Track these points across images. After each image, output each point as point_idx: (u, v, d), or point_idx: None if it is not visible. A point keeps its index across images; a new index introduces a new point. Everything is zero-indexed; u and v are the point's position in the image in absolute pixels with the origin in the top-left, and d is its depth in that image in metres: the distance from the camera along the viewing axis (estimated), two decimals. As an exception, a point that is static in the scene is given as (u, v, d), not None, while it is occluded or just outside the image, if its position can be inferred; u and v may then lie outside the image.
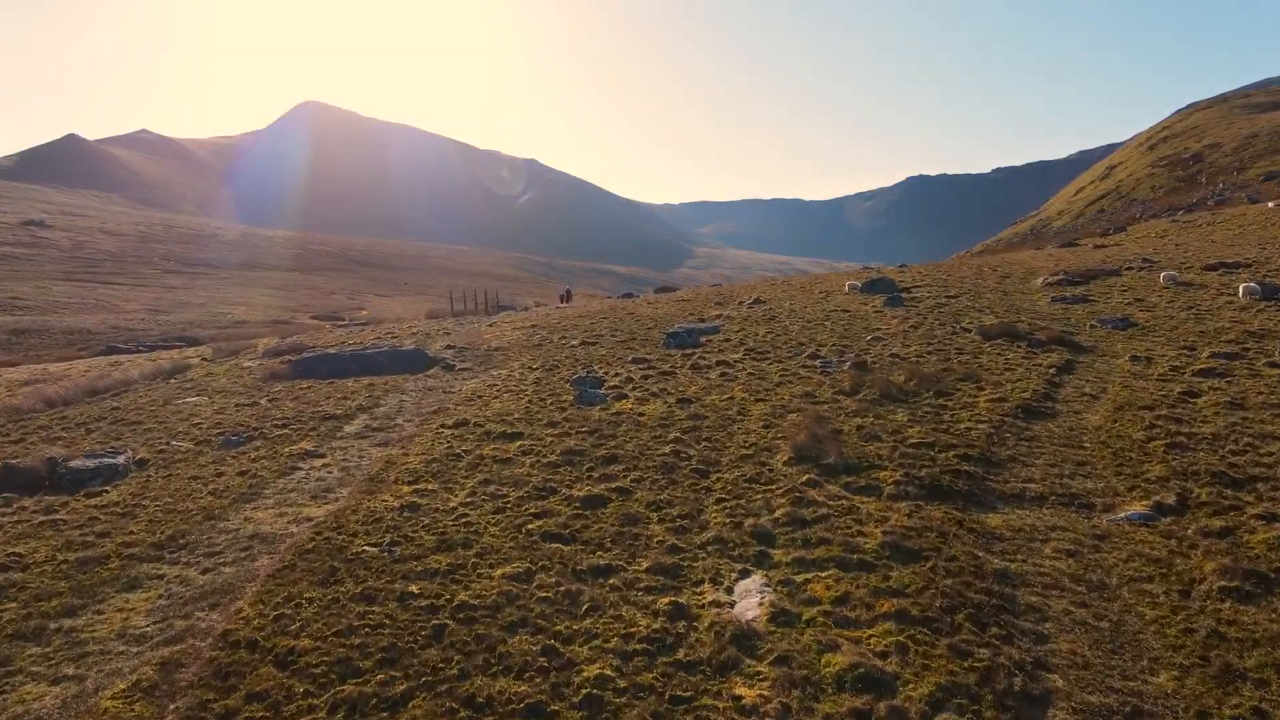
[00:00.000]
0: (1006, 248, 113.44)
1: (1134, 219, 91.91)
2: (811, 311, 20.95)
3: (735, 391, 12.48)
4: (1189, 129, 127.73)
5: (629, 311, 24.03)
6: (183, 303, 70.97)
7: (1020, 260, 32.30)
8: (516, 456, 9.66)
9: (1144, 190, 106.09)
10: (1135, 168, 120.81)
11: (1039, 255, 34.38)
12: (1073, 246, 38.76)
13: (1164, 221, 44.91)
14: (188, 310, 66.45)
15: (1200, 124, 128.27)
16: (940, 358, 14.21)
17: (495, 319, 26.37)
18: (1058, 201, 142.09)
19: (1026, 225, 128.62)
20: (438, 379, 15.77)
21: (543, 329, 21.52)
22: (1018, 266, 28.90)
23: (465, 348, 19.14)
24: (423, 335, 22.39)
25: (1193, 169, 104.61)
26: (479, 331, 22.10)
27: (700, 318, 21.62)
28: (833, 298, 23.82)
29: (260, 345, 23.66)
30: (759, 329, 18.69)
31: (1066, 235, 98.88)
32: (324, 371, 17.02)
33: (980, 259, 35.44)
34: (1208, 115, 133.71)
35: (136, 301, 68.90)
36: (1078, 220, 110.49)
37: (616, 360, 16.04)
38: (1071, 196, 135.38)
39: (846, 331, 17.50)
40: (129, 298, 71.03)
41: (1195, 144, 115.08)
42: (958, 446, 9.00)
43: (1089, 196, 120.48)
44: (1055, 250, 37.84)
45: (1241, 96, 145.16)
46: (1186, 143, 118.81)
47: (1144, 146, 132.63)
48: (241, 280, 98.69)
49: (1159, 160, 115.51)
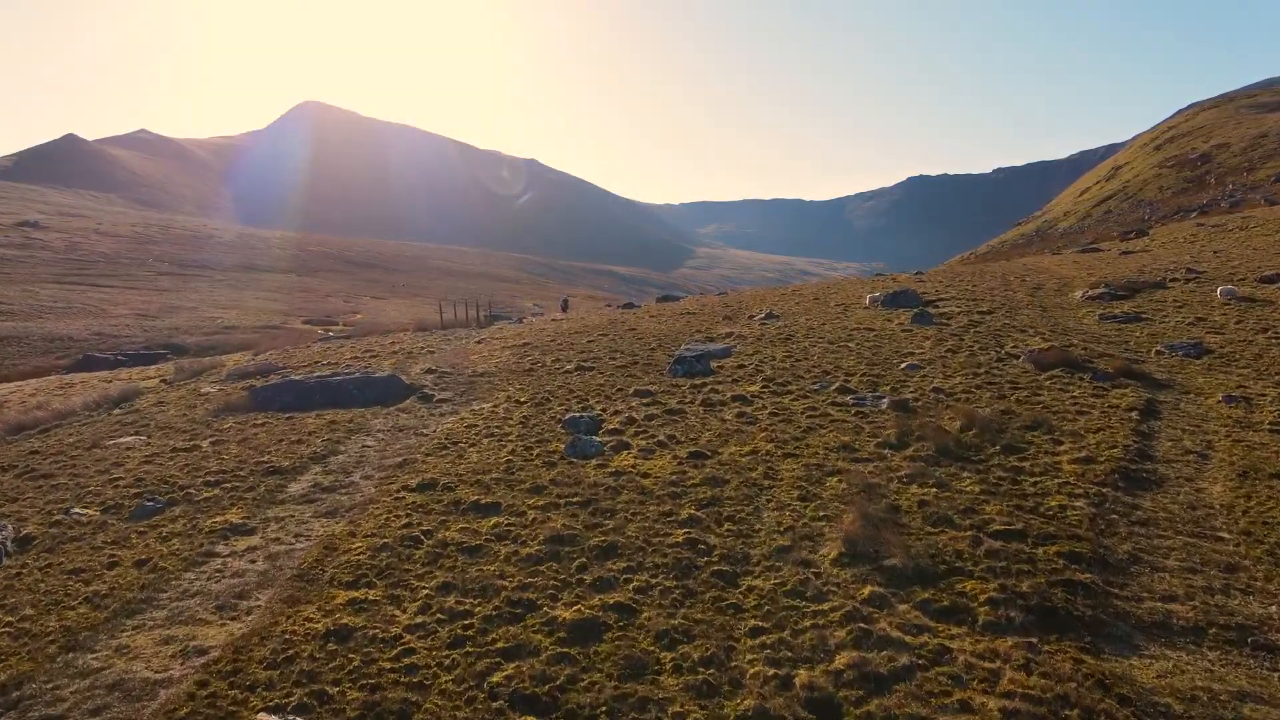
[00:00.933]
0: (1013, 249, 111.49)
1: (1143, 220, 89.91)
2: (831, 329, 18.84)
3: (758, 440, 10.37)
4: (1195, 129, 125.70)
5: (630, 327, 21.92)
6: (173, 306, 68.88)
7: (1045, 268, 30.19)
8: (489, 543, 7.54)
9: (1151, 191, 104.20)
10: (1141, 168, 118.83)
11: (1063, 262, 32.26)
12: (1095, 251, 36.62)
13: (1188, 225, 42.77)
14: (177, 314, 64.37)
15: (1207, 124, 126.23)
16: (994, 393, 12.08)
17: (486, 333, 24.27)
18: (1062, 202, 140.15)
19: (1031, 226, 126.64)
20: (412, 414, 13.67)
21: (535, 348, 19.41)
22: (1046, 276, 26.78)
23: (448, 372, 17.03)
24: (404, 355, 20.28)
25: (1201, 169, 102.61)
26: (466, 350, 19.99)
27: (709, 336, 19.51)
28: (852, 312, 21.71)
29: (229, 363, 21.57)
30: (776, 351, 16.59)
31: (1074, 237, 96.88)
32: (285, 403, 14.92)
33: (1001, 265, 33.33)
34: (1214, 115, 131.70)
35: (125, 305, 66.80)
36: (1084, 221, 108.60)
37: (616, 392, 13.93)
38: (1076, 197, 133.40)
39: (875, 356, 15.39)
40: (118, 301, 68.94)
41: (1202, 144, 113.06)
42: (1058, 538, 6.89)
43: (1094, 197, 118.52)
44: (1077, 255, 35.72)
45: (1247, 96, 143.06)
46: (1193, 143, 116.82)
47: (1149, 147, 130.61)
48: (237, 282, 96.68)
49: (1166, 161, 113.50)
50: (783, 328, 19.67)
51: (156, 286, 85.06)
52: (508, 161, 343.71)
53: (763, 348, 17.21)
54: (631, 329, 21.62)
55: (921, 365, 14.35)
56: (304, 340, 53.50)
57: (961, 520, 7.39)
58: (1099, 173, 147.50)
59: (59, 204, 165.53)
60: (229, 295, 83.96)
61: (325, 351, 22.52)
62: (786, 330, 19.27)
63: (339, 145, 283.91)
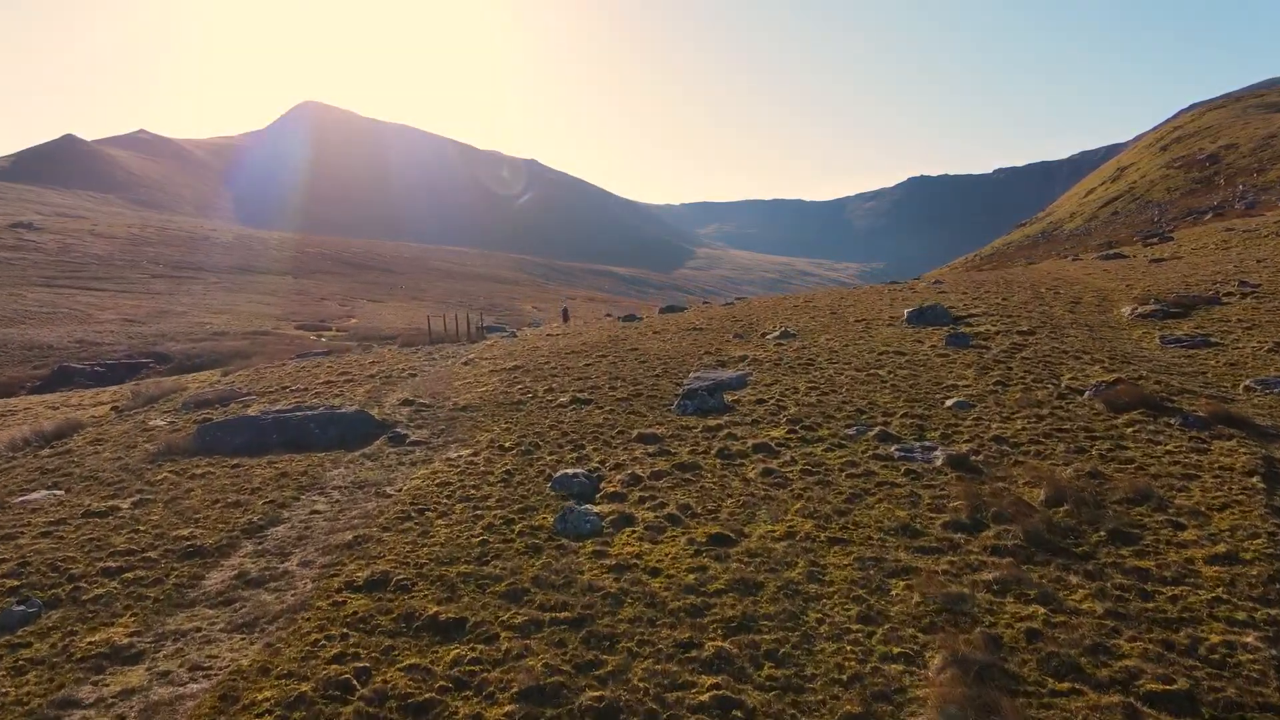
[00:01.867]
0: (1019, 251, 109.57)
1: (1153, 222, 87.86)
2: (856, 353, 16.77)
3: (792, 513, 8.31)
4: (1202, 129, 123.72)
5: (632, 347, 19.84)
6: (162, 311, 66.81)
7: (1074, 277, 28.12)
8: (444, 697, 5.49)
9: (1159, 192, 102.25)
10: (1148, 169, 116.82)
11: (1090, 270, 30.17)
12: (1120, 258, 34.55)
13: (1213, 229, 40.65)
14: (165, 320, 62.31)
15: (1214, 124, 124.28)
16: (1069, 445, 10.01)
17: (476, 350, 22.20)
18: (1067, 203, 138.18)
19: (1036, 228, 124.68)
20: (378, 462, 11.60)
21: (528, 373, 17.34)
22: (1080, 287, 24.71)
23: (427, 404, 14.96)
24: (381, 379, 18.22)
25: (1209, 170, 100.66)
26: (450, 375, 17.93)
27: (720, 358, 17.44)
28: (876, 330, 19.64)
29: (192, 386, 19.51)
30: (798, 381, 14.52)
31: (1082, 239, 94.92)
32: (236, 445, 12.86)
33: (1024, 273, 31.26)
34: (1221, 115, 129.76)
35: (113, 310, 64.73)
36: (1090, 223, 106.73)
37: (617, 436, 11.87)
38: (1082, 198, 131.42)
39: (914, 389, 13.32)
40: (106, 306, 66.87)
41: (1210, 144, 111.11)
42: (1245, 708, 4.85)
43: (1100, 198, 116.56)
44: (1102, 262, 33.63)
45: (1255, 96, 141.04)
46: (1200, 143, 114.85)
47: (1155, 147, 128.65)
48: (231, 285, 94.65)
49: (1173, 161, 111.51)
50: (801, 350, 17.59)
51: (149, 290, 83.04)
52: (508, 162, 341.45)
53: (782, 375, 15.14)
54: (634, 349, 19.55)
55: (971, 403, 12.27)
56: (293, 348, 51.46)
57: (1095, 669, 5.31)
58: (1103, 173, 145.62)
59: (57, 205, 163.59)
60: (223, 299, 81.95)
61: (299, 372, 20.45)
62: (806, 353, 17.19)
63: (339, 145, 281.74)
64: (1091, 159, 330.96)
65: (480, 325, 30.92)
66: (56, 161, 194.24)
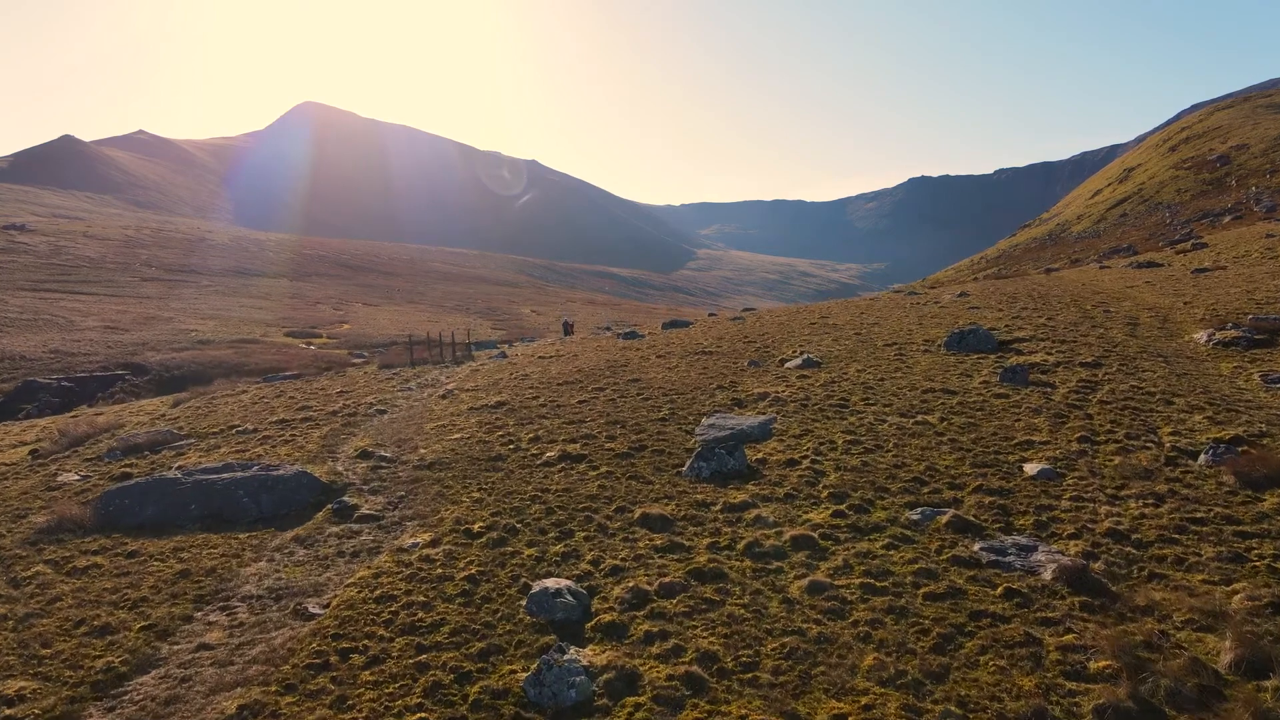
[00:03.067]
0: (1027, 253, 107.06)
1: (1165, 224, 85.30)
2: (895, 389, 14.20)
3: (864, 682, 5.77)
4: (1211, 129, 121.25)
5: (633, 376, 17.25)
6: (149, 317, 64.25)
7: (1115, 290, 25.54)
8: None
9: (1169, 194, 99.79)
10: (1156, 170, 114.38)
11: (1131, 281, 27.58)
12: (1155, 267, 31.95)
13: (1254, 236, 37.98)
14: (151, 327, 59.75)
15: (1223, 124, 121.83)
16: (1218, 548, 7.38)
17: (458, 377, 19.60)
18: (1073, 204, 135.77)
19: (1043, 229, 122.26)
20: (311, 551, 9.05)
21: (512, 412, 14.76)
22: (1129, 303, 22.11)
23: (389, 458, 12.38)
24: (345, 416, 15.64)
25: (1220, 171, 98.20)
26: (423, 415, 15.35)
27: (735, 394, 14.87)
28: (911, 357, 17.06)
29: (130, 421, 16.95)
30: (832, 430, 11.95)
31: (1092, 242, 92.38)
32: (145, 516, 10.31)
33: (1058, 282, 28.67)
34: (1230, 115, 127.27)
35: (97, 317, 62.16)
36: (1099, 225, 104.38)
37: (616, 515, 9.31)
38: (1088, 200, 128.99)
39: (979, 446, 10.75)
40: (91, 312, 64.30)
41: (1220, 145, 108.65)
42: None
43: (1108, 199, 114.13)
44: (1138, 272, 31.03)
45: (1263, 95, 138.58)
46: (1210, 144, 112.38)
47: (1164, 148, 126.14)
48: (225, 289, 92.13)
49: (1182, 162, 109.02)
50: (830, 384, 15.01)
51: (139, 294, 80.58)
52: (508, 162, 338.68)
53: (812, 422, 12.56)
54: (635, 379, 16.97)
55: (1058, 470, 9.70)
56: (279, 358, 48.94)
57: None
58: (1109, 174, 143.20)
59: (54, 206, 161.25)
60: (214, 303, 79.47)
61: (254, 405, 17.86)
62: (836, 389, 14.62)
63: (339, 146, 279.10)
64: (1093, 159, 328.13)
65: (468, 343, 28.32)
66: (54, 162, 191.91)
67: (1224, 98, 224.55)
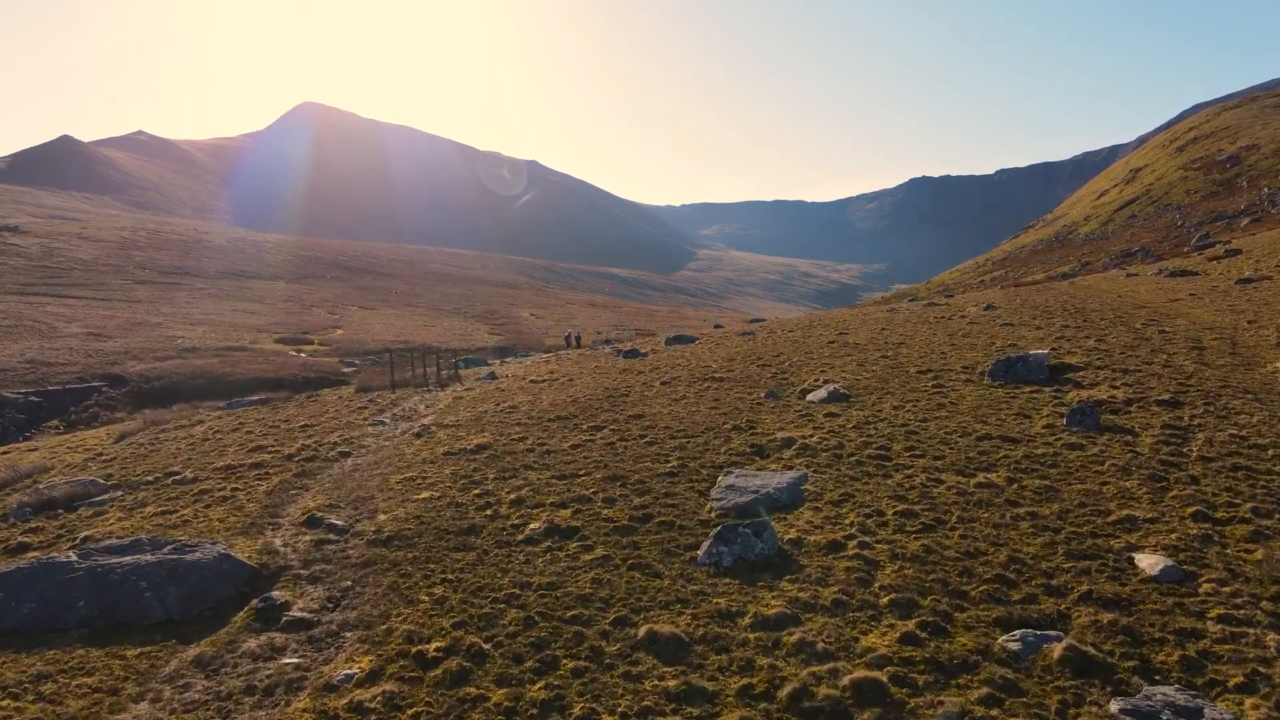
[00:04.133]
0: (1034, 255, 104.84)
1: (1176, 225, 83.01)
2: (942, 433, 11.96)
3: None
4: (1219, 129, 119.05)
5: (635, 412, 14.99)
6: (135, 323, 62.00)
7: (1156, 302, 23.31)
8: None
9: (1178, 195, 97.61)
10: (1164, 170, 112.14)
11: (1171, 292, 25.34)
12: (1190, 275, 29.72)
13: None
14: (136, 333, 57.49)
15: (1232, 124, 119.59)
16: None
17: (437, 411, 17.35)
18: (1079, 205, 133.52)
19: (1049, 231, 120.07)
20: (214, 681, 6.79)
21: (495, 459, 12.52)
22: (1185, 321, 19.86)
23: (341, 527, 10.13)
24: (300, 464, 13.39)
25: (1230, 172, 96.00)
26: (393, 459, 13.10)
27: (754, 438, 12.60)
28: (952, 388, 14.82)
29: (56, 466, 14.71)
30: (877, 495, 9.71)
31: (1102, 244, 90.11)
32: (20, 616, 8.07)
33: (1090, 294, 26.44)
34: (1238, 115, 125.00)
35: (81, 322, 59.89)
36: (1107, 226, 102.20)
37: (614, 634, 7.06)
38: (1094, 200, 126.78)
39: (1067, 525, 8.51)
40: (76, 317, 62.03)
41: (1229, 145, 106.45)
42: None
43: (1115, 200, 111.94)
44: (1173, 281, 28.79)
45: (1271, 95, 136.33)
46: (1219, 144, 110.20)
47: (1171, 148, 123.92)
48: (219, 291, 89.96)
49: (1191, 163, 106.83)
50: (864, 425, 12.77)
51: (129, 297, 78.37)
52: (508, 162, 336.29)
53: (851, 481, 10.32)
54: (638, 415, 14.72)
55: (1186, 570, 7.44)
56: (266, 367, 46.71)
57: None
58: (1115, 175, 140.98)
59: (51, 207, 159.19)
60: (206, 307, 77.28)
61: (204, 442, 15.60)
62: (871, 431, 12.38)
63: (339, 146, 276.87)
64: (1094, 159, 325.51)
65: (456, 361, 26.01)
66: (53, 163, 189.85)
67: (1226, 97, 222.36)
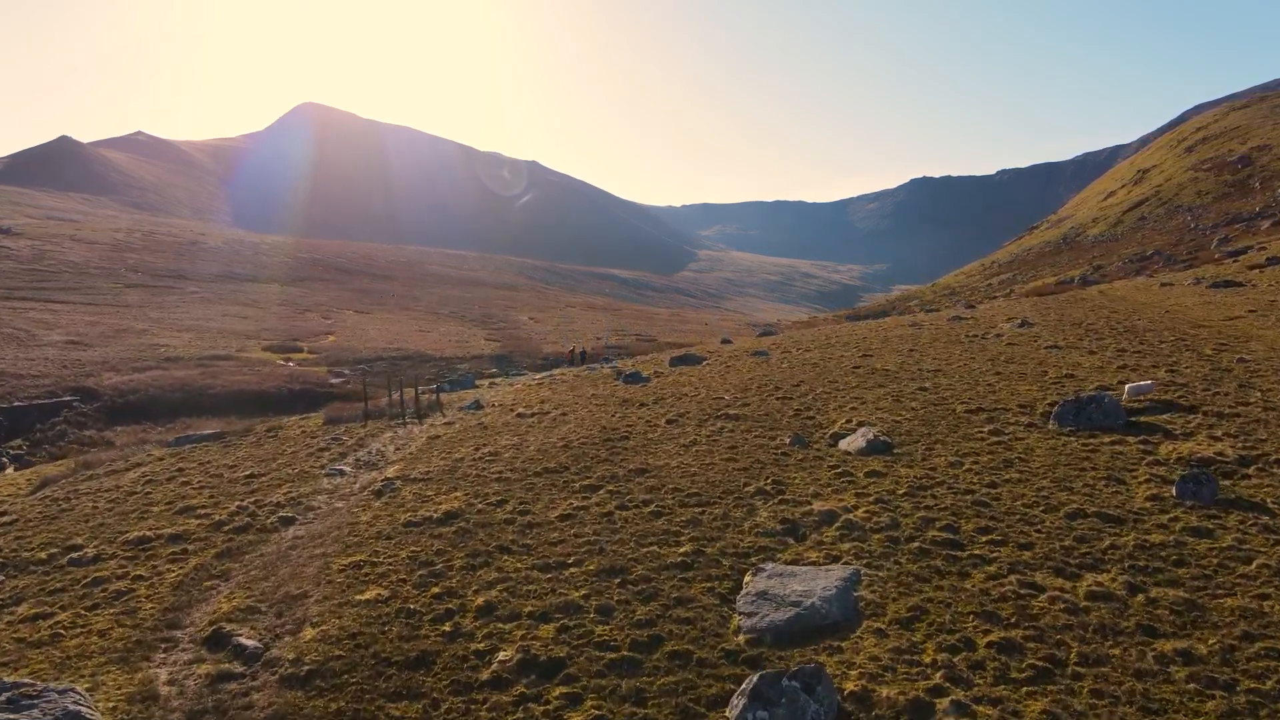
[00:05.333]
0: (1041, 258, 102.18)
1: (1187, 228, 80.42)
2: (1021, 508, 9.48)
3: None
4: (1229, 129, 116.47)
5: (639, 465, 12.47)
6: (119, 329, 59.53)
7: (1212, 320, 20.80)
8: None
9: (1189, 196, 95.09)
10: (1173, 171, 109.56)
11: (1227, 307, 22.84)
12: (1235, 286, 27.22)
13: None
14: (119, 340, 55.03)
15: (1241, 124, 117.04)
16: None
17: (405, 459, 14.87)
18: (1085, 206, 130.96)
19: (1056, 233, 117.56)
20: None
21: (463, 535, 10.05)
22: (1262, 346, 17.37)
23: (251, 655, 7.65)
24: (228, 536, 10.90)
25: (1243, 173, 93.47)
26: (338, 537, 10.62)
27: (784, 507, 10.11)
28: (1015, 438, 12.31)
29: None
30: (959, 610, 7.24)
31: (1112, 246, 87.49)
32: None
33: (1129, 307, 23.95)
34: (1248, 115, 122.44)
35: (63, 330, 57.40)
36: (1116, 228, 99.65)
37: None
38: (1101, 201, 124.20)
39: (1242, 676, 6.08)
40: (58, 324, 59.56)
41: (1239, 145, 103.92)
42: None
43: (1123, 202, 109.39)
44: (1218, 293, 26.29)
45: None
46: (1229, 144, 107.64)
47: (1179, 149, 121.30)
48: (211, 295, 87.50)
49: (1201, 163, 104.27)
50: (919, 491, 10.27)
51: (119, 302, 75.86)
52: (509, 163, 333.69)
53: (918, 583, 7.83)
54: (641, 468, 12.23)
55: None
56: (251, 378, 44.27)
57: None
58: (1120, 175, 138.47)
59: (48, 208, 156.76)
60: (196, 312, 74.79)
61: (126, 501, 13.08)
62: (929, 500, 9.90)
63: (339, 147, 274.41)
64: (1096, 160, 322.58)
65: (437, 388, 23.49)
66: (52, 163, 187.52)
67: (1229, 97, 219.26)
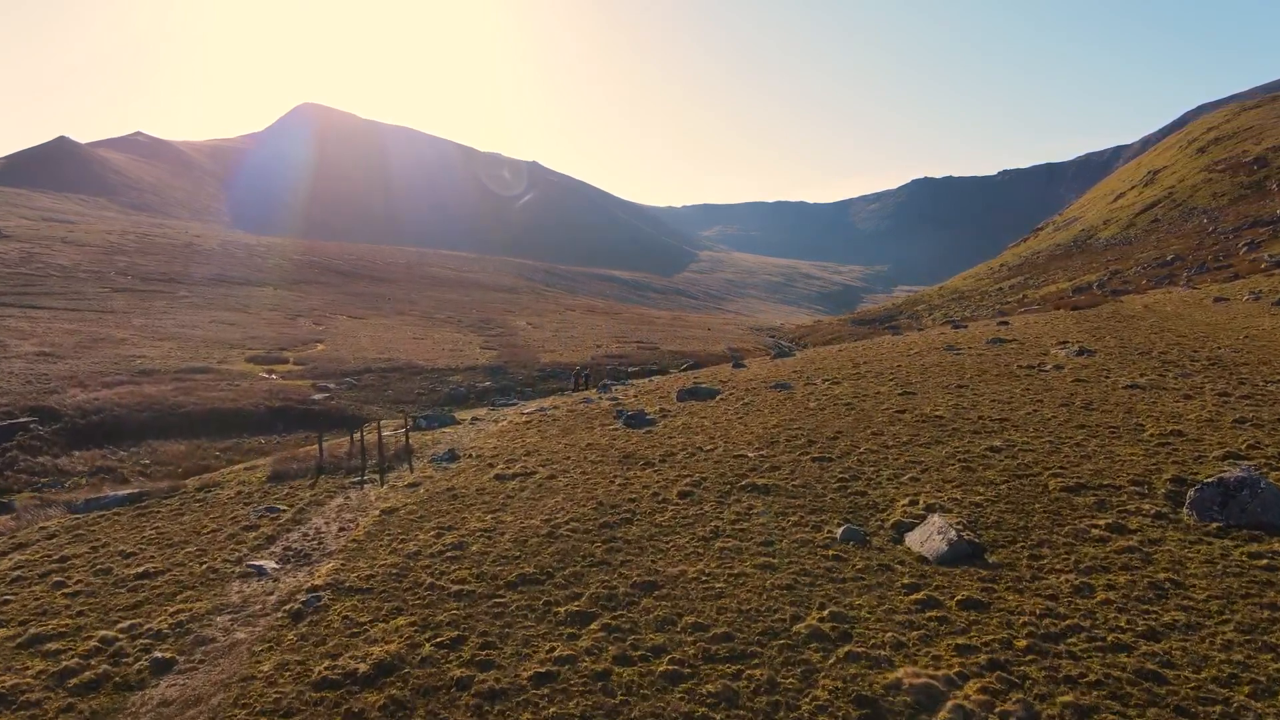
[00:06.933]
0: (1052, 261, 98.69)
1: (1205, 231, 76.96)
2: (1211, 681, 6.34)
3: None
4: (1241, 130, 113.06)
5: (645, 576, 9.27)
6: (98, 339, 56.32)
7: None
8: None
9: (1203, 198, 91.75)
10: (1185, 172, 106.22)
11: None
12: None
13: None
14: (95, 351, 51.79)
15: (1254, 124, 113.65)
16: None
17: (344, 546, 11.69)
18: (1093, 208, 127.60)
19: (1066, 235, 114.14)
20: None
21: (395, 709, 6.93)
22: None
23: None
24: (78, 692, 7.79)
25: (1259, 174, 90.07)
26: (213, 709, 7.46)
27: (854, 671, 6.84)
28: (1149, 541, 9.09)
29: None
30: None
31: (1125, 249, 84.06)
32: None
33: (1196, 326, 20.83)
34: (1260, 114, 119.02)
35: (37, 339, 54.19)
36: (1128, 231, 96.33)
37: None
38: (1110, 203, 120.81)
39: None
40: (34, 332, 56.37)
41: (1254, 146, 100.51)
42: None
43: (1134, 203, 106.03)
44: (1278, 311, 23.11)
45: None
46: (1242, 145, 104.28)
47: (1190, 149, 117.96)
48: (201, 299, 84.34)
49: (1214, 164, 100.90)
50: (1046, 641, 7.07)
51: (104, 307, 72.61)
52: (509, 163, 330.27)
53: None
54: (649, 583, 9.03)
55: None
56: (228, 394, 41.10)
57: None
58: (1130, 176, 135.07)
59: (45, 209, 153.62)
60: (182, 318, 71.55)
61: (24, 590, 9.95)
62: (1068, 663, 6.73)
63: (339, 147, 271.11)
64: (1098, 160, 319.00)
65: (415, 418, 20.36)
66: (50, 164, 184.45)
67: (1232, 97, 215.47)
